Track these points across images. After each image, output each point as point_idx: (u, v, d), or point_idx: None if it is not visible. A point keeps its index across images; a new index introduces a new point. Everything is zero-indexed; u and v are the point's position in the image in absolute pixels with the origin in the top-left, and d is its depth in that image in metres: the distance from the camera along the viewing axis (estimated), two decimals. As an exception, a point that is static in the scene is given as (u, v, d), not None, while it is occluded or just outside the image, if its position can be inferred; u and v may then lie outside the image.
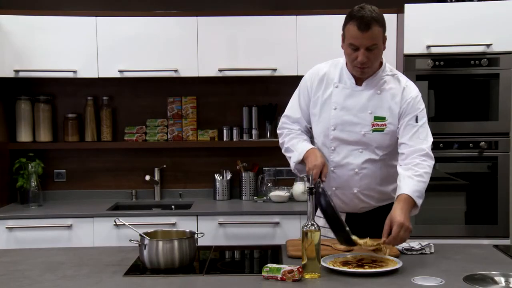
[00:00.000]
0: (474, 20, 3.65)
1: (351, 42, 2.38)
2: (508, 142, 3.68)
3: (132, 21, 3.91)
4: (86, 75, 3.93)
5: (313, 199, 2.18)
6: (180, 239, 2.25)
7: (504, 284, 2.02)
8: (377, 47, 2.38)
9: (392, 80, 2.52)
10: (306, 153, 2.48)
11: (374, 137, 2.47)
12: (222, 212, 3.79)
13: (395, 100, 2.48)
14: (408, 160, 2.42)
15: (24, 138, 4.10)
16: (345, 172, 2.51)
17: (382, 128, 2.47)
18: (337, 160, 2.52)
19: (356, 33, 2.35)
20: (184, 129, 4.21)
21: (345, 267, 2.14)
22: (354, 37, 2.36)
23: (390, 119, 2.47)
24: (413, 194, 2.33)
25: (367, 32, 2.33)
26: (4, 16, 3.84)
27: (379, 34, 2.37)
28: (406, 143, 2.45)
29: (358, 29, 2.34)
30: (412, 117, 2.47)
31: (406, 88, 2.50)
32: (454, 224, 3.73)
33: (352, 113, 2.49)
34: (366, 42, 2.35)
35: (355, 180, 2.51)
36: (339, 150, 2.51)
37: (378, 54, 2.42)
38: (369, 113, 2.48)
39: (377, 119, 2.47)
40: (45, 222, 3.67)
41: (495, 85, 3.66)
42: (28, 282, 2.11)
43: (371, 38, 2.35)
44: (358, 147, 2.49)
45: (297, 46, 3.88)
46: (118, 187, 4.28)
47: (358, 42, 2.36)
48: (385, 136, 2.48)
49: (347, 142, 2.50)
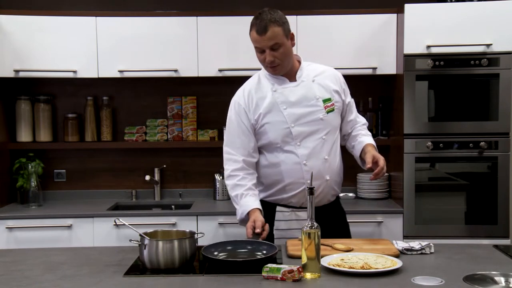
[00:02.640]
0: (474, 20, 3.65)
1: (256, 46, 2.61)
2: (508, 142, 3.68)
3: (132, 21, 3.91)
4: (86, 75, 3.93)
5: (313, 199, 2.18)
6: (180, 239, 2.25)
7: (504, 284, 2.02)
8: (280, 45, 2.57)
9: (315, 68, 2.76)
10: (249, 214, 2.60)
11: (329, 118, 2.68)
12: (222, 212, 3.79)
13: (331, 81, 2.73)
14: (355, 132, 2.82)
15: (24, 138, 4.10)
16: (316, 162, 2.64)
17: (333, 107, 2.69)
18: (306, 153, 2.64)
19: (255, 37, 2.58)
20: (184, 129, 4.21)
21: (345, 267, 2.14)
22: (256, 41, 2.59)
23: (335, 98, 2.71)
24: (372, 141, 2.75)
25: (265, 34, 2.54)
26: (4, 16, 3.84)
27: (279, 33, 2.56)
28: (354, 121, 2.82)
29: (256, 33, 2.57)
30: (349, 95, 2.81)
31: (331, 70, 2.78)
32: (454, 224, 3.73)
33: (303, 104, 2.66)
34: (267, 43, 2.56)
35: (326, 167, 2.67)
36: (304, 144, 2.64)
37: (285, 52, 2.60)
38: (316, 99, 2.67)
39: (325, 101, 2.68)
40: (45, 222, 3.68)
41: (495, 85, 3.66)
42: (28, 282, 2.11)
43: (271, 38, 2.55)
44: (320, 135, 2.66)
45: (297, 46, 3.87)
46: (118, 187, 4.29)
47: (260, 45, 2.58)
48: (337, 114, 2.73)
49: (310, 133, 2.65)
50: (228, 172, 2.72)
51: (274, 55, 2.58)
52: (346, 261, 2.21)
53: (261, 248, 2.37)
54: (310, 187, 2.19)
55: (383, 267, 2.13)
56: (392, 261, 2.21)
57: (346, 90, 2.79)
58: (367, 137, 2.79)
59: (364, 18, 3.86)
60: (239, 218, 2.67)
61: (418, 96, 3.69)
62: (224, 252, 2.37)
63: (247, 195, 2.64)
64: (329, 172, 2.68)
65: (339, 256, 2.28)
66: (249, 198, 2.63)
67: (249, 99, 2.70)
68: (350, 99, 2.81)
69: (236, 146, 2.70)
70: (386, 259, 2.23)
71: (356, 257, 2.26)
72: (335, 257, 2.26)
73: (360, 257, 2.25)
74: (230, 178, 2.71)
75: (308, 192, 2.18)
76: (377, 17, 3.87)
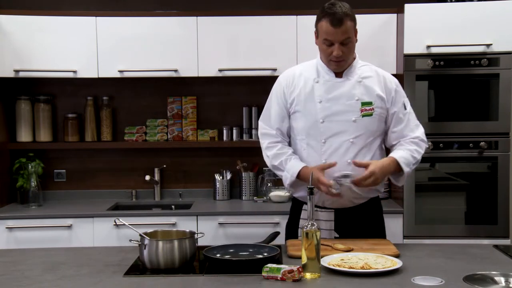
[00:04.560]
0: (474, 20, 3.65)
1: (326, 38, 2.50)
2: (508, 142, 3.68)
3: (132, 21, 3.91)
4: (86, 75, 3.93)
5: (313, 199, 2.19)
6: (180, 239, 2.25)
7: (504, 284, 2.02)
8: (351, 40, 2.51)
9: (369, 69, 2.65)
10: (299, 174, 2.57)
11: (364, 122, 2.57)
12: (222, 212, 3.79)
13: (379, 86, 2.60)
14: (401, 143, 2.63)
15: (24, 138, 4.10)
16: (338, 163, 2.55)
17: (371, 112, 2.57)
18: (330, 152, 2.57)
19: (329, 29, 2.47)
20: (184, 129, 4.21)
21: (345, 267, 2.14)
22: (328, 33, 2.48)
23: (377, 103, 2.58)
24: (399, 158, 2.54)
25: (340, 27, 2.46)
26: (4, 16, 3.84)
27: (351, 28, 2.50)
28: (401, 133, 2.63)
29: (331, 25, 2.46)
30: (401, 105, 2.63)
31: (386, 75, 2.66)
32: (454, 224, 3.73)
33: (340, 102, 2.57)
34: (340, 37, 2.47)
35: (348, 170, 2.54)
36: (330, 142, 2.57)
37: (352, 47, 2.55)
38: (356, 100, 2.57)
39: (364, 104, 2.57)
40: (45, 222, 3.68)
41: (495, 85, 3.66)
42: (28, 282, 2.11)
43: (344, 32, 2.47)
44: (348, 137, 2.56)
45: (297, 46, 3.89)
46: (118, 187, 4.29)
47: (332, 37, 2.48)
48: (373, 120, 2.58)
49: (338, 133, 2.57)
50: (265, 144, 2.70)
51: (342, 49, 2.49)
52: (346, 261, 2.21)
53: (263, 250, 2.37)
54: (309, 187, 2.19)
55: (383, 267, 2.14)
56: (392, 261, 2.21)
57: (396, 98, 2.62)
58: (401, 151, 2.58)
59: (364, 18, 3.84)
60: (289, 182, 2.62)
61: (418, 96, 3.69)
62: (226, 254, 2.36)
63: (291, 159, 2.61)
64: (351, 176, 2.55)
65: (339, 256, 2.28)
66: (294, 161, 2.60)
67: (291, 82, 2.65)
68: (399, 109, 2.62)
69: (271, 123, 2.69)
70: (386, 259, 2.23)
71: (356, 257, 2.26)
72: (335, 257, 2.26)
73: (360, 257, 2.25)
74: (268, 149, 2.68)
75: (308, 192, 2.18)
76: (377, 17, 3.87)
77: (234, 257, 2.34)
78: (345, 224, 2.63)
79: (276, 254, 2.27)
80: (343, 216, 2.63)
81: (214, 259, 2.25)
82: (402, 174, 2.57)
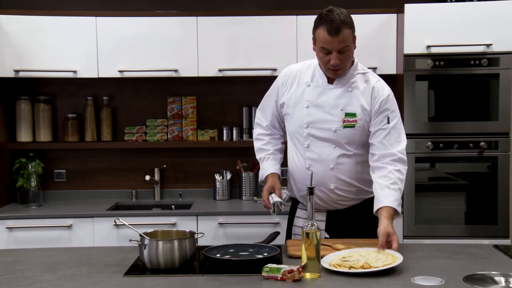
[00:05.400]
0: (474, 20, 3.65)
1: (323, 46, 2.44)
2: (508, 142, 3.68)
3: (132, 21, 3.91)
4: (86, 75, 3.93)
5: (313, 199, 2.19)
6: (180, 239, 2.25)
7: (504, 284, 2.02)
8: (349, 48, 2.45)
9: (362, 78, 2.57)
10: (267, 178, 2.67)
11: (345, 133, 2.53)
12: (222, 212, 3.79)
13: (366, 98, 2.53)
14: (380, 163, 2.49)
15: (24, 138, 4.10)
16: (320, 169, 2.56)
17: (353, 124, 2.52)
18: (313, 157, 2.58)
19: (326, 38, 2.41)
20: (184, 129, 4.21)
21: (346, 267, 2.14)
22: (325, 42, 2.42)
23: (361, 115, 2.52)
24: (393, 204, 2.43)
25: (337, 36, 2.39)
26: (4, 16, 3.84)
27: (349, 36, 2.43)
28: (377, 145, 2.51)
29: (328, 33, 2.40)
30: (383, 117, 2.52)
31: (376, 87, 2.54)
32: (454, 224, 3.73)
33: (324, 110, 2.55)
34: (337, 46, 2.41)
35: (331, 175, 2.56)
36: (313, 147, 2.58)
37: (350, 55, 2.49)
38: (340, 110, 2.53)
39: (348, 115, 2.53)
40: (45, 222, 3.68)
41: (495, 85, 3.66)
42: (28, 282, 2.11)
43: (342, 41, 2.41)
44: (330, 144, 2.56)
45: (297, 46, 3.89)
46: (118, 187, 4.29)
47: (329, 46, 2.42)
48: (356, 131, 2.53)
49: (320, 139, 2.57)
50: (255, 135, 2.81)
51: (340, 58, 2.43)
52: (347, 259, 2.20)
53: (263, 250, 2.37)
54: (310, 187, 2.19)
55: (384, 264, 2.14)
56: (393, 256, 2.21)
57: (379, 110, 2.50)
58: (388, 190, 2.43)
59: (364, 18, 3.86)
60: (259, 180, 2.75)
61: (418, 96, 3.69)
62: (226, 255, 2.36)
63: (268, 159, 2.72)
64: (334, 182, 2.57)
65: (340, 254, 2.28)
66: (270, 162, 2.71)
67: (286, 81, 2.67)
68: (380, 120, 2.50)
69: (264, 113, 2.77)
70: (388, 254, 2.23)
71: (358, 253, 2.26)
72: (336, 254, 2.27)
73: (361, 254, 2.25)
74: (256, 140, 2.80)
75: (308, 192, 2.18)
76: (377, 17, 3.87)
77: (234, 257, 2.34)
78: (336, 225, 2.64)
79: (276, 254, 2.28)
80: (335, 218, 2.64)
81: (214, 259, 2.26)
82: (398, 214, 2.48)
